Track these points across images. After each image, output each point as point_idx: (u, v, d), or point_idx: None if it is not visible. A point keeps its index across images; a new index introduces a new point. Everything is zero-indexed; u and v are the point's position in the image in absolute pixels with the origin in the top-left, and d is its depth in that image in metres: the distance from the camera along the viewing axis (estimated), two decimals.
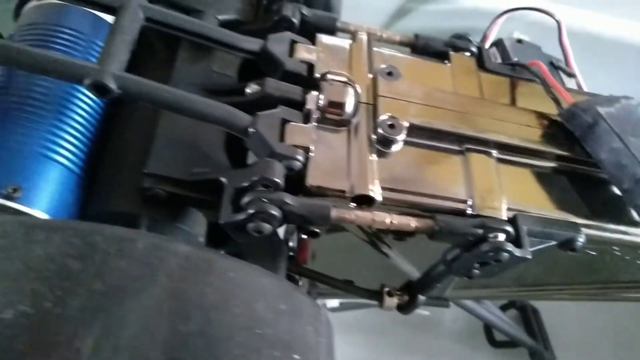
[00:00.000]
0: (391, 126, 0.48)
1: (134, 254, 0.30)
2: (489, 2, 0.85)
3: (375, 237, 0.57)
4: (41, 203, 0.42)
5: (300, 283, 0.61)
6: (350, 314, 0.95)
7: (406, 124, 0.49)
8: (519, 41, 0.75)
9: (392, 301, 0.56)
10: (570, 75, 0.74)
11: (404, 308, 0.56)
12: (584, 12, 0.88)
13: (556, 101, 0.55)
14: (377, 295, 0.57)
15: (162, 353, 0.27)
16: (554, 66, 0.73)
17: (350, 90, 0.49)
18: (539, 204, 0.51)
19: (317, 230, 0.51)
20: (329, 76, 0.50)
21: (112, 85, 0.41)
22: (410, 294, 0.56)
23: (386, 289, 0.57)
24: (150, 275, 0.29)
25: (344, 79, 0.49)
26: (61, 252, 0.28)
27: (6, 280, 0.27)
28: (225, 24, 0.55)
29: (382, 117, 0.49)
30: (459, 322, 0.93)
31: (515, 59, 0.67)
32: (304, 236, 0.55)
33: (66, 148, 0.46)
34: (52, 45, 0.50)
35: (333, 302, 0.95)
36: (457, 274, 0.50)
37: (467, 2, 0.85)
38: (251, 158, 0.53)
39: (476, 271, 0.48)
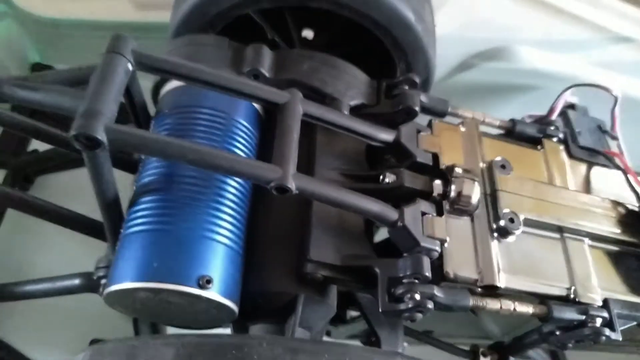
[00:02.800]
0: (511, 220, 0.55)
1: None
2: (545, 63, 0.92)
3: None
4: (222, 287, 0.47)
5: None
6: None
7: (522, 217, 0.56)
8: (572, 106, 0.83)
9: None
10: (614, 138, 0.82)
11: None
12: (624, 78, 0.96)
13: (636, 194, 0.63)
14: (471, 354, 0.65)
15: None
16: (601, 130, 0.81)
17: (477, 185, 0.55)
18: (620, 287, 0.59)
19: None
20: (456, 169, 0.56)
21: (293, 186, 0.46)
22: (500, 354, 0.65)
23: (481, 349, 0.65)
24: None
25: (470, 175, 0.56)
26: None
27: None
28: (353, 108, 0.60)
29: (505, 210, 0.55)
30: None
31: (578, 130, 0.75)
32: None
33: (229, 229, 0.51)
34: (196, 127, 0.54)
35: None
36: (551, 345, 0.58)
37: (526, 63, 0.92)
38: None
39: (570, 345, 0.57)
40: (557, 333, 0.57)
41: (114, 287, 0.46)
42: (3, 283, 0.64)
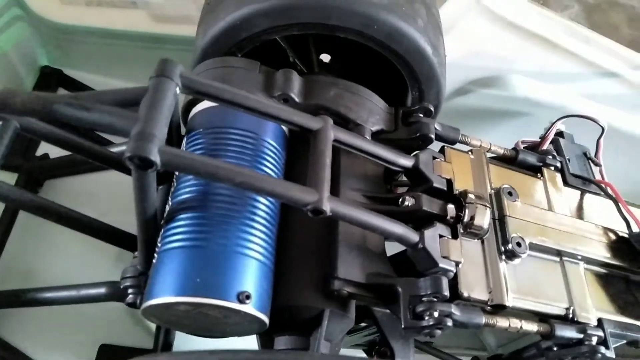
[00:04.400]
0: (518, 244, 0.60)
1: None
2: (537, 93, 0.99)
3: None
4: (258, 302, 0.50)
5: None
6: None
7: (528, 242, 0.61)
8: (560, 133, 0.89)
9: None
10: (597, 164, 0.88)
11: None
12: (609, 109, 1.03)
13: (627, 222, 0.69)
14: None
15: None
16: (586, 156, 0.87)
17: (488, 212, 0.60)
18: (611, 307, 0.65)
19: None
20: (469, 195, 0.60)
21: (327, 209, 0.50)
22: None
23: None
24: None
25: (482, 202, 0.60)
26: None
27: None
28: (374, 133, 0.64)
29: (513, 235, 0.60)
30: None
31: (567, 157, 0.80)
32: None
33: (261, 246, 0.53)
34: (228, 147, 0.57)
35: None
36: (548, 359, 0.63)
37: (518, 91, 0.98)
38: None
39: None
40: (555, 349, 0.62)
41: (155, 301, 0.49)
42: (25, 289, 0.65)
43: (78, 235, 0.83)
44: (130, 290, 0.58)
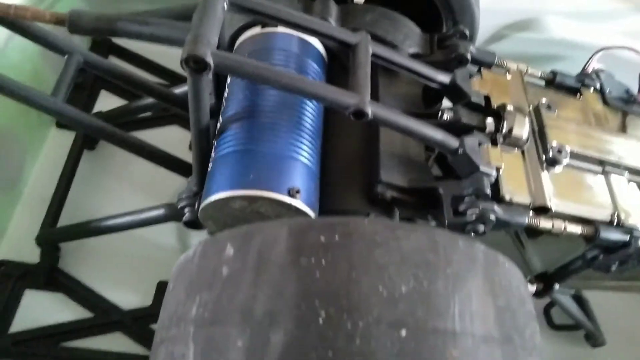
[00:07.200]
0: (559, 151, 0.61)
1: (458, 250, 0.41)
2: (574, 34, 0.98)
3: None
4: (307, 199, 0.53)
5: None
6: None
7: (569, 150, 0.62)
8: (601, 70, 0.88)
9: (533, 288, 0.69)
10: (638, 102, 0.87)
11: (540, 294, 0.70)
12: None
13: None
14: None
15: (495, 323, 0.39)
16: (628, 93, 0.86)
17: (527, 121, 0.61)
18: None
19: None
20: (507, 107, 0.62)
21: (369, 111, 0.52)
22: (546, 282, 0.70)
23: (529, 277, 0.70)
24: (471, 267, 0.41)
25: (520, 113, 0.61)
26: (421, 247, 0.40)
27: (396, 266, 0.38)
28: (411, 57, 0.66)
29: (553, 143, 0.61)
30: None
31: (608, 90, 0.80)
32: None
33: (307, 151, 0.56)
34: (272, 64, 0.60)
35: None
36: (596, 269, 0.64)
37: (555, 33, 0.97)
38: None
39: (614, 267, 0.62)
40: (601, 257, 0.62)
41: (213, 197, 0.52)
42: (89, 220, 0.70)
43: (135, 183, 0.89)
44: (187, 209, 0.62)
